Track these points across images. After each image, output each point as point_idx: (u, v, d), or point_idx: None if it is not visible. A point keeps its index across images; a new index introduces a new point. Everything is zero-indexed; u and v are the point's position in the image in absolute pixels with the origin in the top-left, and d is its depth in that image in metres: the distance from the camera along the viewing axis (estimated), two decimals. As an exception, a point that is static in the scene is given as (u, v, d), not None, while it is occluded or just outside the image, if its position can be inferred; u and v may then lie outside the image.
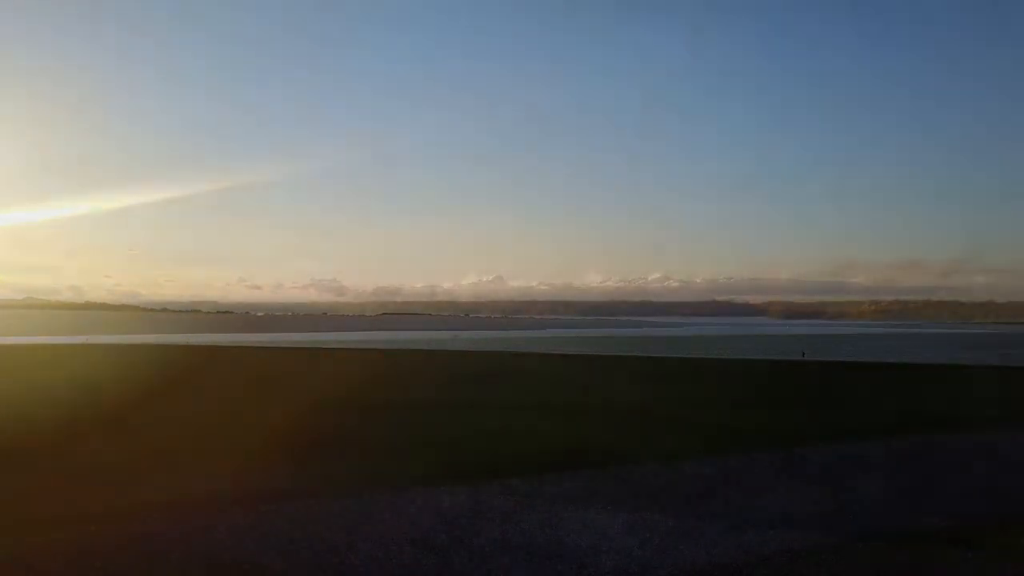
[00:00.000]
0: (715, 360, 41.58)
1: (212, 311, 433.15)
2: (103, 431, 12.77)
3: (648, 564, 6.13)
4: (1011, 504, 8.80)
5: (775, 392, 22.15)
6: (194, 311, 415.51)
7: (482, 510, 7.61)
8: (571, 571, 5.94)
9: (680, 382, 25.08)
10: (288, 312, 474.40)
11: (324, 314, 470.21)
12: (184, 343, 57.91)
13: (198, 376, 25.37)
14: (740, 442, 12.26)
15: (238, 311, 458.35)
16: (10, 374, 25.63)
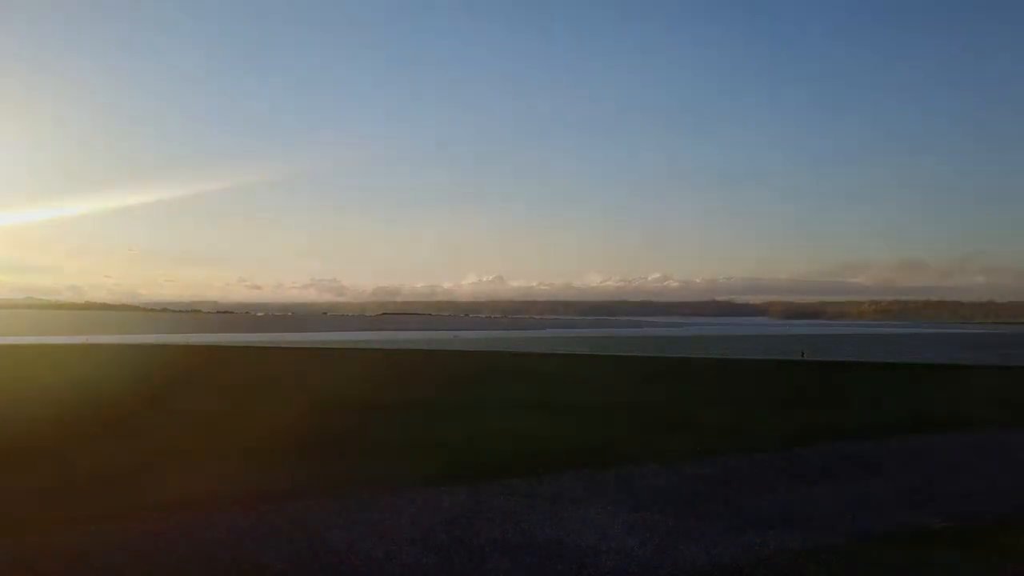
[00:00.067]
0: (715, 360, 41.55)
1: (212, 311, 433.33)
2: (103, 431, 12.81)
3: (648, 564, 6.14)
4: (1011, 504, 8.81)
5: (775, 392, 22.16)
6: (194, 311, 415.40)
7: (482, 510, 7.63)
8: (571, 571, 5.95)
9: (680, 382, 25.08)
10: (288, 312, 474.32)
11: (324, 314, 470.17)
12: (184, 343, 57.90)
13: (198, 376, 25.38)
14: (740, 442, 12.28)
15: (238, 311, 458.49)
16: (10, 374, 25.66)
